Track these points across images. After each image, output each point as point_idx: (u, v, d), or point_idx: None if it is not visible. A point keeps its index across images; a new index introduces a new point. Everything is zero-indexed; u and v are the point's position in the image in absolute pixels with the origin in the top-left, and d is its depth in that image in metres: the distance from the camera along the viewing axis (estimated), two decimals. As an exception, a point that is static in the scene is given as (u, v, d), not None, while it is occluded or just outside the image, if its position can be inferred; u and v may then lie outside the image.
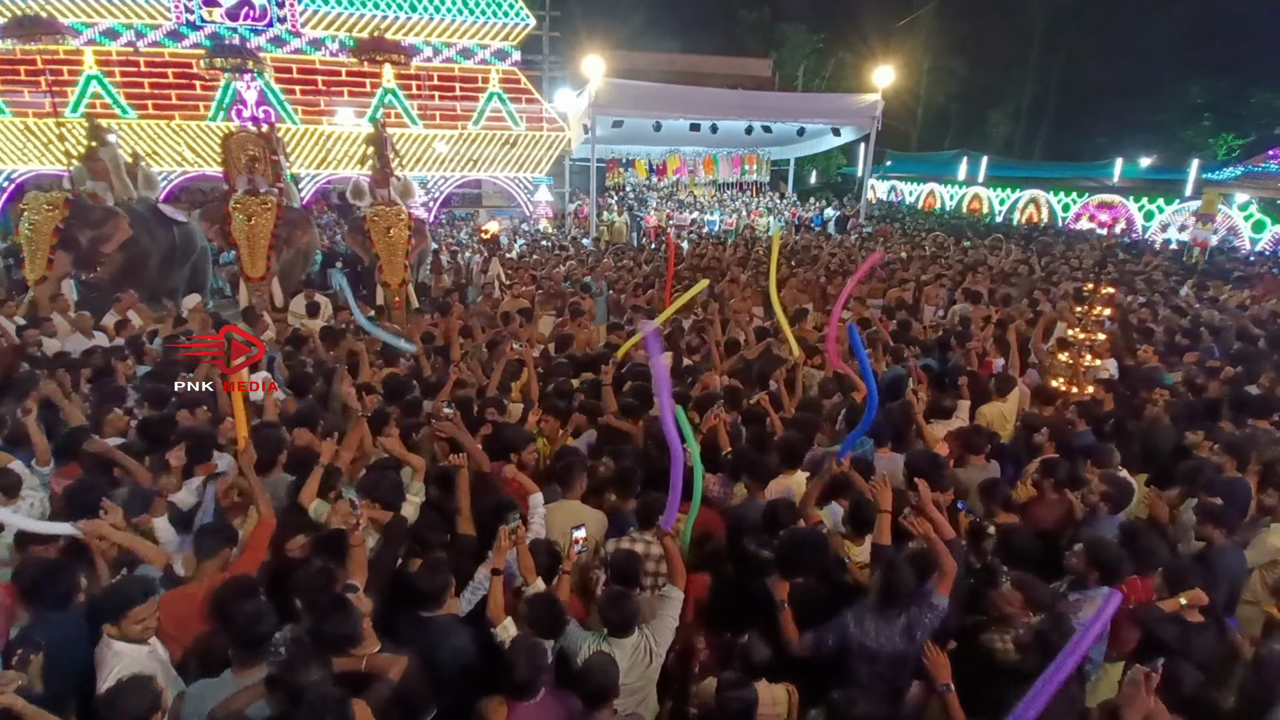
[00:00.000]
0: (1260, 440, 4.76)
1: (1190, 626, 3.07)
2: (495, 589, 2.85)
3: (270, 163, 9.29)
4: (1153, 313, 8.56)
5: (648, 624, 2.87)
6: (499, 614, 2.80)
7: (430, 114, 20.71)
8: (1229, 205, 16.71)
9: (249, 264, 8.97)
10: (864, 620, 2.83)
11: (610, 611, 2.76)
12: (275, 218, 9.06)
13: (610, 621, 2.77)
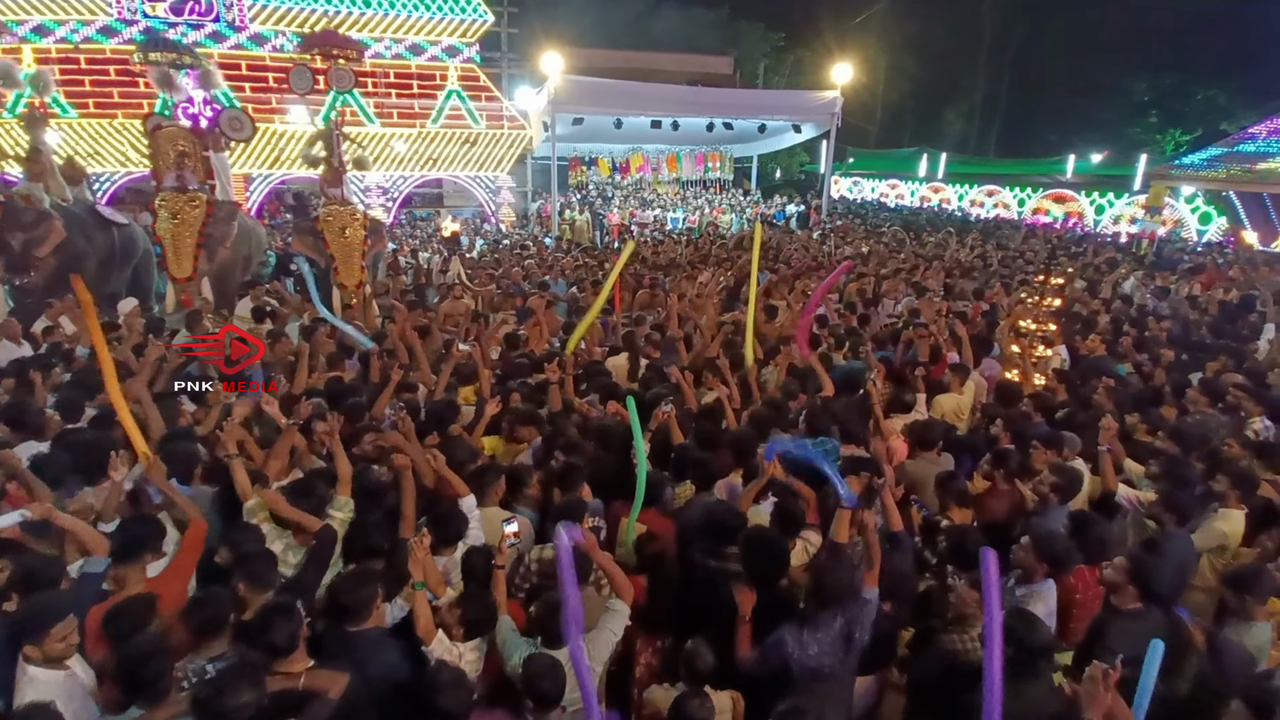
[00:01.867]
0: (1209, 425, 4.83)
1: (1133, 615, 3.06)
2: (418, 605, 2.68)
3: (201, 158, 8.93)
4: (1102, 303, 8.73)
5: (586, 633, 2.74)
6: (428, 631, 2.64)
7: (387, 112, 20.32)
8: (1176, 198, 17.21)
9: (174, 264, 8.60)
10: (801, 635, 2.73)
11: (550, 621, 2.63)
12: (204, 216, 8.70)
13: (547, 632, 2.65)
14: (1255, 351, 6.99)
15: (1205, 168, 15.24)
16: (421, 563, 2.75)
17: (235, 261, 9.43)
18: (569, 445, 3.95)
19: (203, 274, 8.80)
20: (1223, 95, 29.31)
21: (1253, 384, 5.54)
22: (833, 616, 2.76)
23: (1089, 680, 2.30)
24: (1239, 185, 14.36)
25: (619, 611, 2.84)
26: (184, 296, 8.67)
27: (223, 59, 18.41)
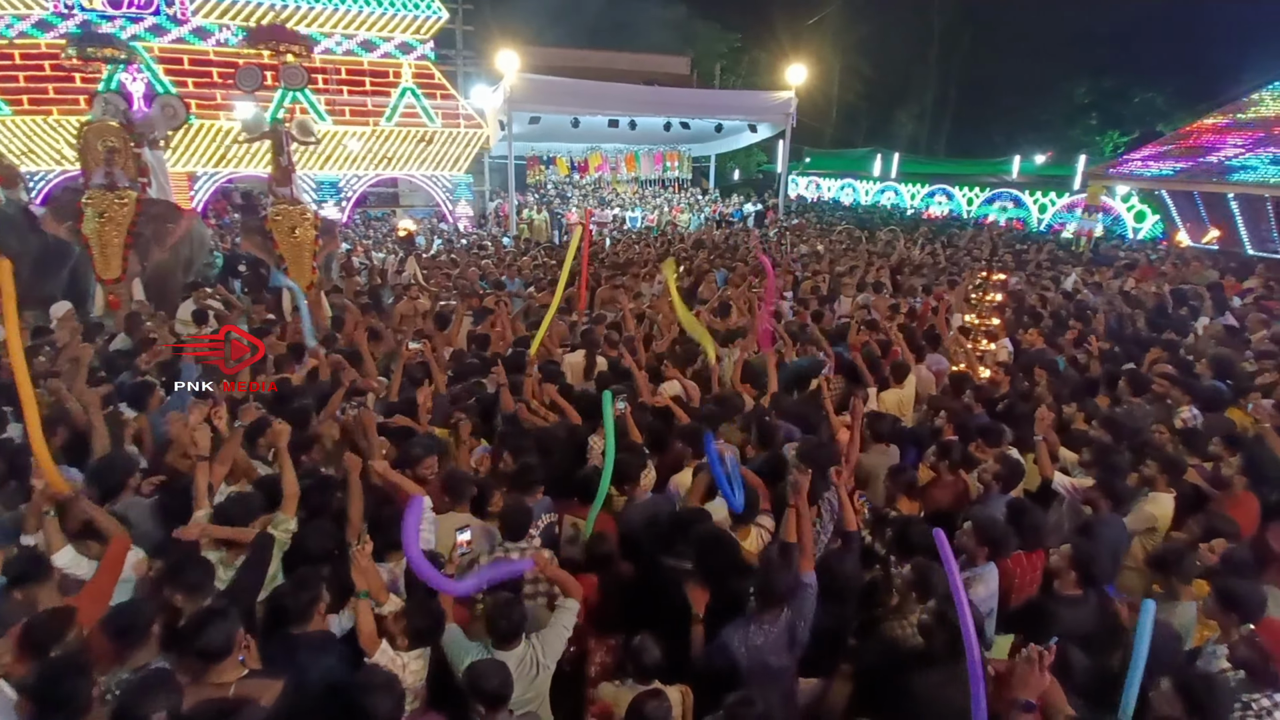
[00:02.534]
0: (1136, 415, 5.05)
1: (1074, 601, 3.19)
2: (362, 614, 2.62)
3: (132, 155, 8.60)
4: (1042, 299, 9.05)
5: (536, 633, 2.74)
6: (371, 641, 2.59)
7: (339, 109, 19.85)
8: (1112, 197, 17.92)
9: (101, 264, 8.25)
10: (748, 633, 2.78)
11: (499, 620, 2.61)
12: (134, 214, 8.38)
13: (497, 630, 2.63)
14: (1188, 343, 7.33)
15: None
16: (365, 571, 2.69)
17: (175, 264, 9.09)
18: (516, 446, 3.92)
19: (133, 275, 8.44)
20: (1159, 98, 30.60)
21: (1182, 374, 5.82)
22: (779, 613, 2.82)
23: (1024, 661, 2.39)
24: (1170, 185, 15.03)
25: (569, 608, 2.85)
26: (111, 298, 8.32)
27: (163, 53, 17.79)
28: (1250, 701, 2.55)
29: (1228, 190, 13.61)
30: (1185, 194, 14.80)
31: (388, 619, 2.70)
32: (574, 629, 3.17)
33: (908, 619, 2.86)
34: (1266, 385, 5.66)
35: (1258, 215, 13.50)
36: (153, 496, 3.53)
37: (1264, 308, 8.57)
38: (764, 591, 2.82)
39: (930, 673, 2.54)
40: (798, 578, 2.86)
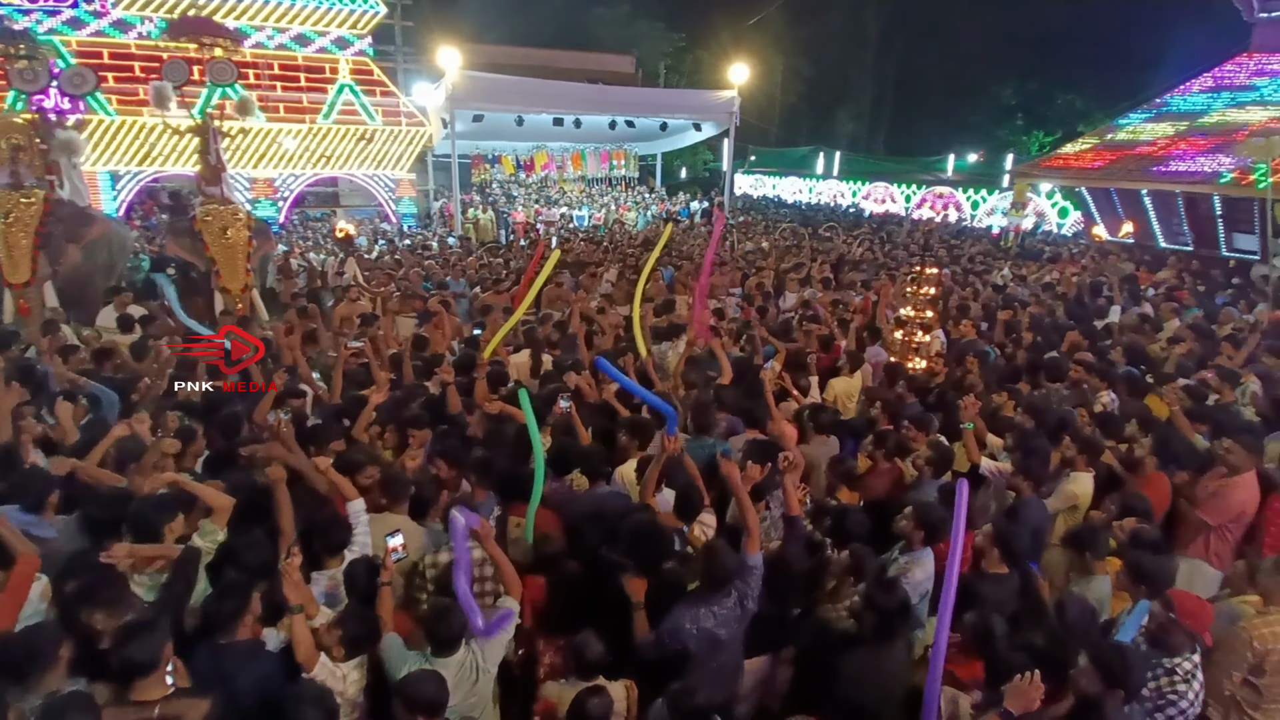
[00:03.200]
0: (1054, 400, 5.33)
1: (998, 579, 3.36)
2: (297, 629, 2.54)
3: (39, 152, 8.14)
4: (974, 292, 9.44)
5: (476, 639, 2.72)
6: (309, 657, 2.52)
7: (273, 106, 19.17)
8: (1037, 194, 18.79)
9: (8, 268, 7.78)
10: (697, 612, 2.83)
11: (438, 627, 2.58)
12: (41, 214, 7.94)
13: (436, 638, 2.60)
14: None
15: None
16: (295, 585, 2.62)
17: (93, 267, 8.62)
18: (451, 448, 3.88)
19: (43, 278, 7.98)
20: (1079, 99, 32.20)
21: (1099, 361, 6.16)
22: (727, 591, 2.88)
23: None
24: (1089, 181, 15.84)
25: (508, 610, 2.82)
26: (20, 303, 7.85)
27: (82, 47, 16.85)
28: (1175, 666, 2.71)
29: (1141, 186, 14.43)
30: (1103, 190, 15.62)
31: (321, 630, 2.64)
32: (523, 631, 3.17)
33: (840, 604, 2.97)
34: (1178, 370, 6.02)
35: (1169, 210, 14.36)
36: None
37: (1175, 297, 9.12)
38: (711, 576, 2.87)
39: (859, 654, 2.65)
40: (744, 560, 2.92)
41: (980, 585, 3.30)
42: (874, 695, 2.64)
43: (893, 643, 2.72)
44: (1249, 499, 4.00)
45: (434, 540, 3.42)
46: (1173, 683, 2.69)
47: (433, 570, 3.17)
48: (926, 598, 3.38)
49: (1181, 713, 2.69)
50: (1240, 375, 5.81)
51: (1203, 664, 3.06)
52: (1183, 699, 2.68)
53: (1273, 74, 14.75)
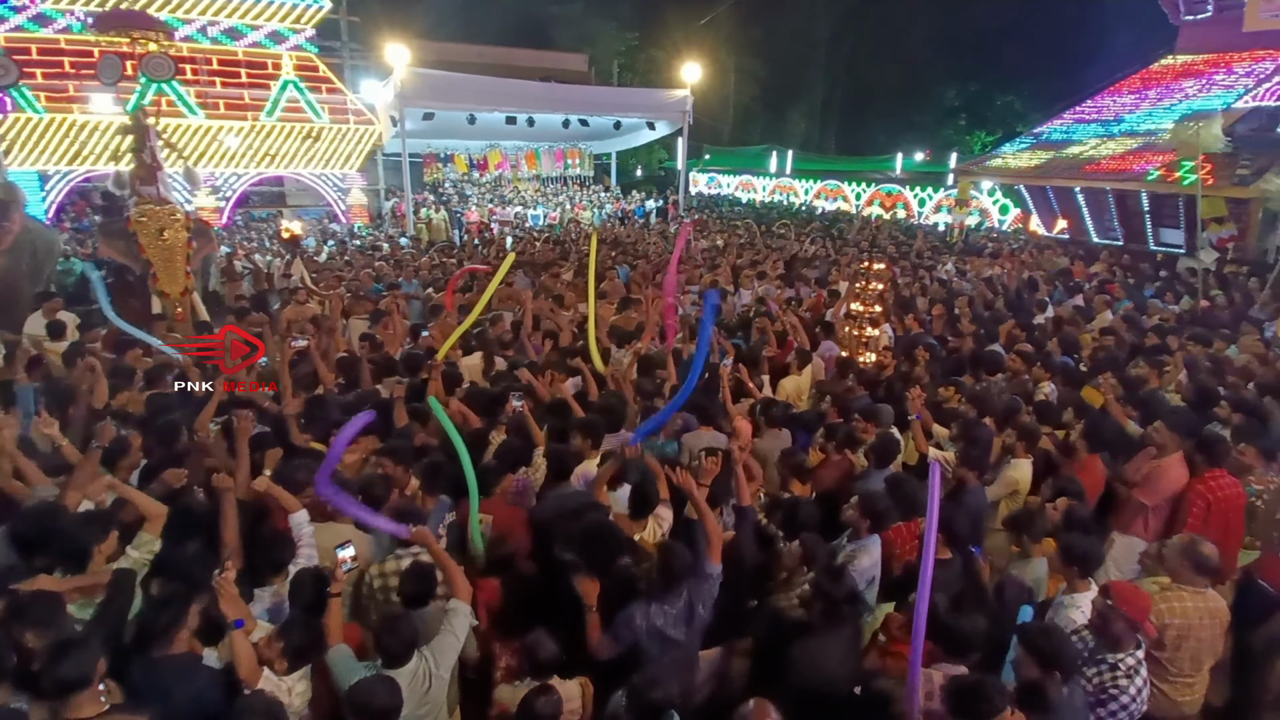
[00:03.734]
0: (995, 391, 5.53)
1: (942, 564, 3.47)
2: (238, 645, 2.47)
3: None
4: (921, 286, 9.72)
5: (428, 645, 2.67)
6: (252, 673, 2.46)
7: (213, 103, 18.54)
8: (979, 191, 19.42)
9: None
10: (648, 610, 2.85)
11: (388, 638, 2.53)
12: None
13: (387, 650, 2.54)
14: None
15: (1018, 148, 17.23)
16: (231, 600, 2.54)
17: (16, 272, 8.21)
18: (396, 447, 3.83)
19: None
20: (1018, 101, 33.47)
21: (1037, 352, 6.42)
22: (679, 592, 2.90)
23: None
24: (1027, 179, 16.48)
25: (458, 612, 2.79)
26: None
27: (10, 43, 15.98)
28: (1118, 662, 2.75)
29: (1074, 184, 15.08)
30: (1040, 188, 16.25)
31: (261, 644, 2.57)
32: (478, 634, 3.15)
33: (792, 593, 3.03)
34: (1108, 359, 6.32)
35: (1100, 207, 15.03)
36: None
37: (1107, 290, 9.56)
38: (665, 575, 2.90)
39: (811, 641, 2.71)
40: (700, 564, 2.96)
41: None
42: (826, 681, 2.70)
43: (842, 628, 2.80)
44: (1180, 478, 4.21)
45: (381, 549, 3.35)
46: (1115, 678, 2.72)
47: (380, 580, 3.11)
48: (874, 584, 3.48)
49: (1124, 708, 2.70)
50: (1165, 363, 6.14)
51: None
52: (1124, 694, 2.69)
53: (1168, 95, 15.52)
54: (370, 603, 3.11)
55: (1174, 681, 3.16)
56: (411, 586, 2.88)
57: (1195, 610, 3.12)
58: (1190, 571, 3.16)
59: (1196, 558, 3.14)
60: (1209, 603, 3.17)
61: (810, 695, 2.70)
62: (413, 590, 2.87)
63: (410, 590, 2.88)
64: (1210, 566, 3.17)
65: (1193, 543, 3.21)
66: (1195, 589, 3.17)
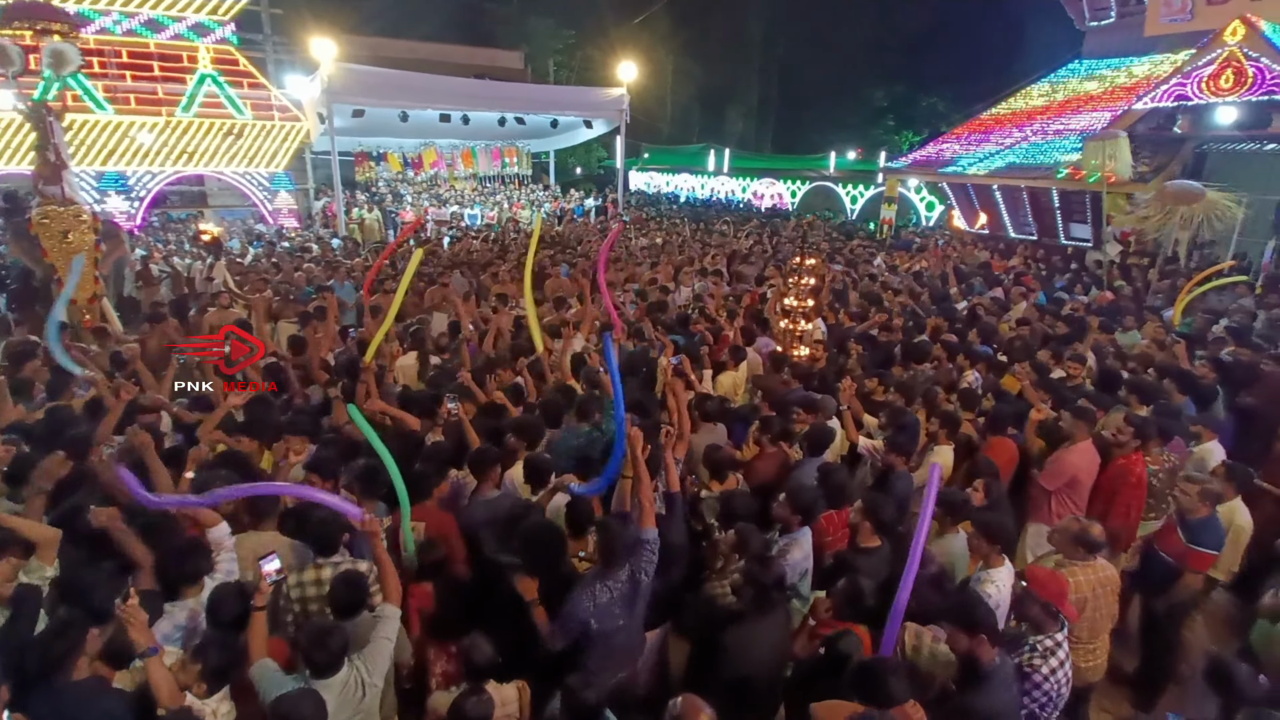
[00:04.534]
0: (921, 380, 5.77)
1: (870, 552, 3.61)
2: (154, 673, 2.34)
3: None
4: (853, 281, 10.04)
5: (359, 653, 2.60)
6: (174, 699, 2.35)
7: (123, 97, 17.50)
8: (906, 189, 20.18)
9: None
10: (594, 589, 2.87)
11: (315, 651, 2.45)
12: None
13: (315, 663, 2.46)
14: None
15: (910, 167, 18.19)
16: (139, 627, 2.39)
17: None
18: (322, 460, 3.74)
19: None
20: (941, 103, 34.89)
21: (960, 343, 6.73)
22: (621, 570, 2.93)
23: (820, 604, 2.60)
24: (950, 177, 17.22)
25: (389, 617, 2.72)
26: None
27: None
28: (1035, 643, 2.87)
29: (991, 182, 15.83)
30: (961, 185, 16.99)
31: (175, 668, 2.45)
32: (413, 642, 3.09)
33: (725, 581, 3.10)
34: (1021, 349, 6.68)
35: (1016, 204, 15.83)
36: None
37: (1022, 282, 10.08)
38: (605, 552, 2.91)
39: (742, 628, 2.78)
40: (637, 535, 2.99)
41: (855, 560, 3.54)
42: (757, 666, 2.77)
43: (772, 614, 2.88)
44: (1084, 465, 4.48)
45: (300, 558, 3.24)
46: (1031, 658, 2.83)
47: (298, 591, 3.01)
48: (807, 576, 3.58)
49: (1035, 685, 2.81)
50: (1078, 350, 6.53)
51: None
52: (1036, 673, 2.79)
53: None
54: (288, 614, 3.01)
55: (1077, 649, 3.37)
56: (344, 595, 2.78)
57: (1088, 582, 3.35)
58: (1082, 551, 3.42)
59: (1087, 540, 3.41)
60: (1099, 573, 3.42)
61: (742, 681, 2.78)
62: (345, 599, 2.79)
63: (343, 599, 2.79)
64: (1099, 545, 3.43)
65: (1083, 529, 3.45)
66: (1085, 562, 3.41)
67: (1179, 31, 14.20)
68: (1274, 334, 7.69)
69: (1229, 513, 4.03)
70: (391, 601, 2.75)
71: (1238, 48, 10.99)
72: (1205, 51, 11.46)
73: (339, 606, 2.80)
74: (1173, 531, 3.91)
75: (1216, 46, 11.29)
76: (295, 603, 3.00)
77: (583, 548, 3.36)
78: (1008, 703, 2.67)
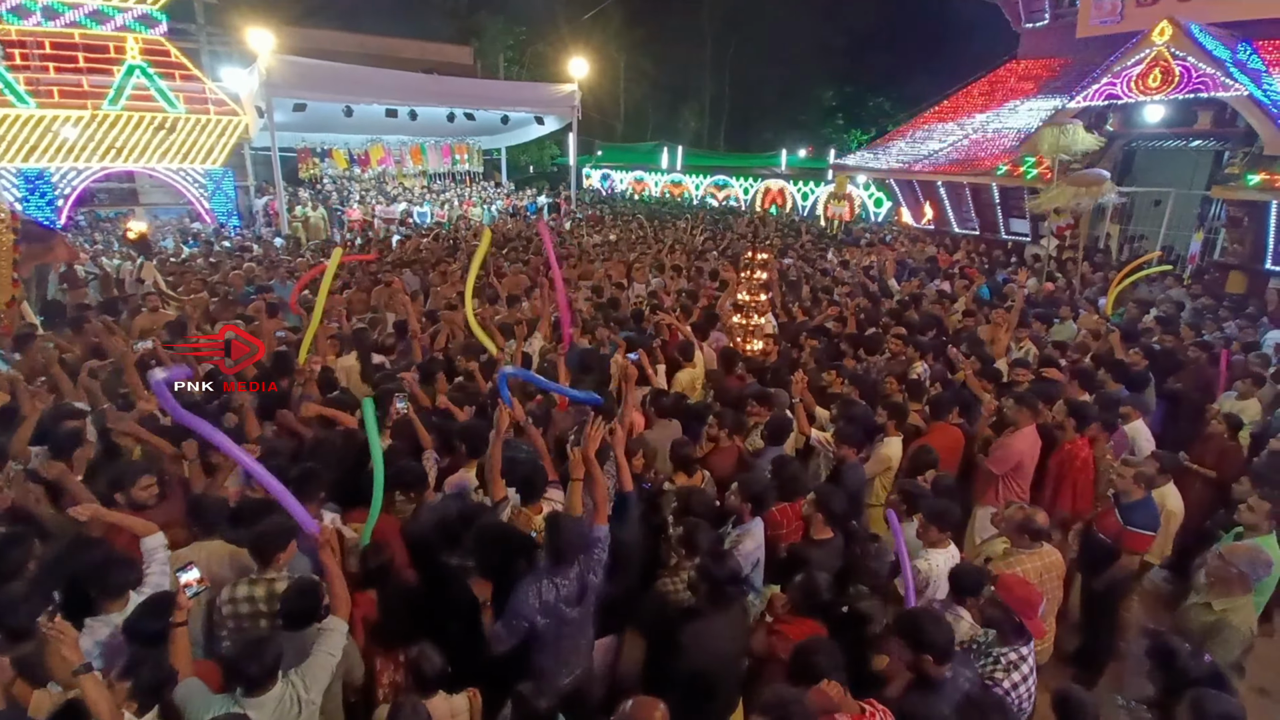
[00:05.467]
0: (873, 372, 5.86)
1: (823, 544, 3.63)
2: (89, 691, 2.15)
3: None
4: (805, 276, 10.16)
5: (296, 667, 2.47)
6: (111, 715, 2.18)
7: (46, 90, 16.57)
8: (856, 185, 20.55)
9: None
10: (540, 588, 2.80)
11: (247, 663, 2.32)
12: None
13: (246, 676, 2.32)
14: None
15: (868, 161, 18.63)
16: (73, 644, 2.22)
17: None
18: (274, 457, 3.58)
19: None
20: (887, 102, 35.73)
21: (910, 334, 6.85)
22: (570, 564, 2.87)
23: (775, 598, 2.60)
24: (896, 174, 17.61)
25: (334, 630, 2.59)
26: None
27: None
28: (1000, 655, 2.83)
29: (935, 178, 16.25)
30: (907, 182, 17.40)
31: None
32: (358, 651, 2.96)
33: (678, 577, 3.07)
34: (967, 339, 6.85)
35: (959, 199, 16.29)
36: None
37: (967, 275, 10.36)
38: (553, 548, 2.85)
39: (698, 624, 2.75)
40: (588, 532, 2.93)
41: (808, 552, 3.55)
42: (715, 662, 2.75)
43: (728, 609, 2.86)
44: (1027, 449, 4.62)
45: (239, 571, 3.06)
46: (993, 671, 2.80)
47: (230, 607, 2.85)
48: (760, 566, 3.58)
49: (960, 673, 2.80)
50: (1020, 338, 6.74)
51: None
52: (998, 686, 2.75)
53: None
54: (222, 631, 2.85)
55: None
56: (296, 604, 2.63)
57: (1035, 569, 3.45)
58: (1027, 539, 3.54)
59: (1032, 528, 3.52)
60: (1044, 559, 3.54)
61: (700, 677, 2.74)
62: (298, 608, 2.63)
63: (295, 609, 2.63)
64: (1043, 532, 3.55)
65: (1027, 517, 3.56)
66: (1032, 550, 3.52)
67: (1110, 33, 14.78)
68: (1200, 323, 8.08)
69: (1161, 497, 4.20)
70: (339, 614, 2.61)
71: (1165, 47, 11.49)
72: (1134, 51, 11.95)
73: (290, 616, 2.65)
74: (1110, 514, 4.04)
75: (1145, 47, 11.79)
76: (229, 619, 2.83)
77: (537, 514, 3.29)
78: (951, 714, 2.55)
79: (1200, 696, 2.35)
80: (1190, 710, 2.33)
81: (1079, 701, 2.33)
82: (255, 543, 2.82)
